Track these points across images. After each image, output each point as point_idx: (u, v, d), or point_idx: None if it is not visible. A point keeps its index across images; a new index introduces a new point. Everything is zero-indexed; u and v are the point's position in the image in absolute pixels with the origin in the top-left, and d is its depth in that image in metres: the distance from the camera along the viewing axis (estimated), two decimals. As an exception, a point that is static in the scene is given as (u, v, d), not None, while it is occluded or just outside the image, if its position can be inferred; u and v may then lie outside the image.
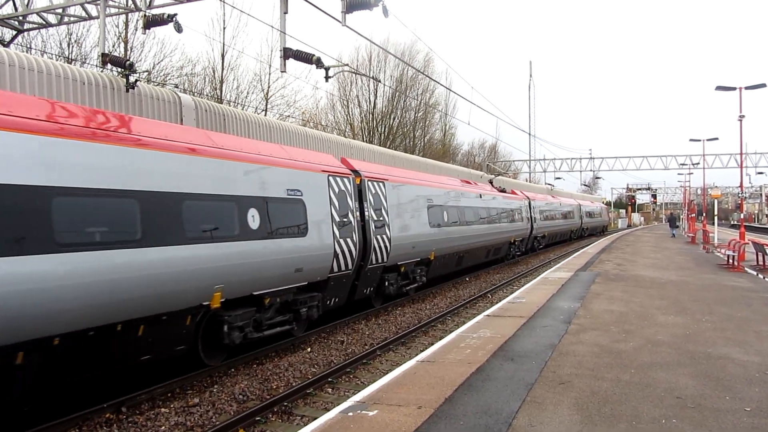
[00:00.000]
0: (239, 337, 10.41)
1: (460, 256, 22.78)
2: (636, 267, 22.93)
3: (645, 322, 11.54)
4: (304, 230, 12.17)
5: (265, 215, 10.98)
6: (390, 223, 16.29)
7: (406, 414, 6.42)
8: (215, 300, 9.80)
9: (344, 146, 25.56)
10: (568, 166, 68.26)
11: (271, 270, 11.10)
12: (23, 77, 12.28)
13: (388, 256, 16.10)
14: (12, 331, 6.84)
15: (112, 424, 8.07)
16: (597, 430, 5.93)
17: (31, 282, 6.97)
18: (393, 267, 16.87)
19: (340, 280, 13.88)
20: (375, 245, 15.32)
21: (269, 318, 11.42)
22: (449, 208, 21.50)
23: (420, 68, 49.79)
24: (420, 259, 18.61)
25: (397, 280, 17.18)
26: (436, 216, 19.97)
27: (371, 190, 15.63)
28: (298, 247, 11.86)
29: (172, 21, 14.46)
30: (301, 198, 12.24)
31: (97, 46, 24.59)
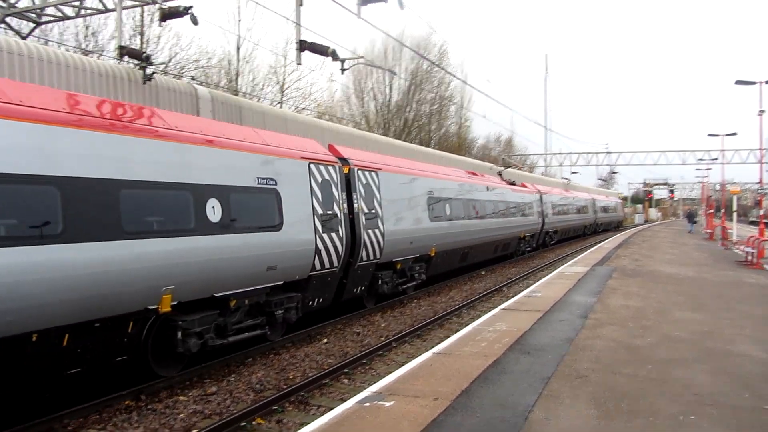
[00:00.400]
0: (196, 345, 9.23)
1: (464, 252, 21.64)
2: (653, 262, 22.76)
3: (662, 317, 11.46)
4: (278, 224, 10.95)
5: (228, 207, 9.76)
6: (383, 216, 15.03)
7: (422, 405, 6.44)
8: (164, 303, 8.66)
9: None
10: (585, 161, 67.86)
11: (236, 269, 9.90)
12: (42, 69, 12.38)
13: (382, 253, 14.91)
14: None
15: (132, 410, 8.17)
16: (614, 425, 5.91)
17: None
18: (387, 264, 15.68)
19: (325, 279, 12.69)
20: (366, 240, 14.12)
21: (236, 322, 10.30)
22: (452, 200, 20.26)
23: (435, 61, 49.64)
24: (419, 255, 17.47)
25: (392, 278, 15.96)
26: (438, 209, 18.79)
27: (362, 181, 14.39)
28: (270, 243, 10.68)
29: (188, 13, 14.51)
30: (275, 188, 11.02)
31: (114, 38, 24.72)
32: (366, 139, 26.23)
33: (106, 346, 8.23)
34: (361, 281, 14.59)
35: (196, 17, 14.50)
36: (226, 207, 9.71)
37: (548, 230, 36.15)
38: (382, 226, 14.90)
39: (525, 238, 30.87)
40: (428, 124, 54.14)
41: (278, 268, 10.89)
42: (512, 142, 78.66)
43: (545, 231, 35.41)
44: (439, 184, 19.43)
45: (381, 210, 15.00)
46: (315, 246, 11.96)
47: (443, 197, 19.45)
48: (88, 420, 7.83)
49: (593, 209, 52.93)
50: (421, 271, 17.83)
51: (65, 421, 7.70)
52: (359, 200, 14.10)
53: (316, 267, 12.09)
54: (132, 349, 8.67)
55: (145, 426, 7.68)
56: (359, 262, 13.97)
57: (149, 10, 25.60)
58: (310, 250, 11.87)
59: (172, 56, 29.69)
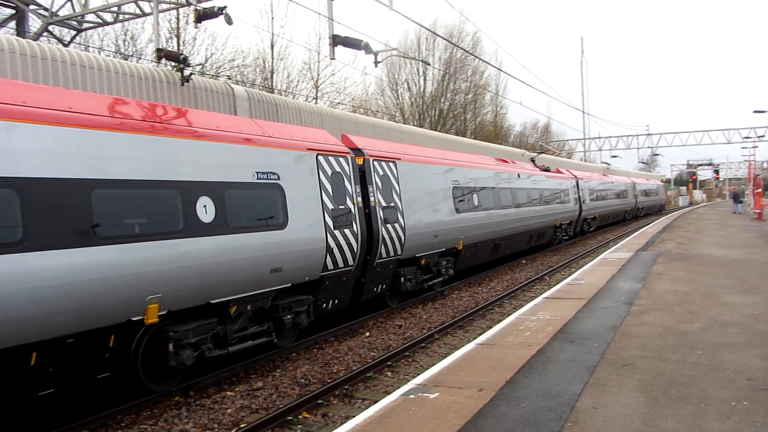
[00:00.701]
0: (191, 357, 8.47)
1: (496, 243, 20.58)
2: (699, 245, 22.21)
3: (711, 302, 11.19)
4: (282, 222, 10.11)
5: (222, 205, 8.95)
6: (403, 209, 14.12)
7: (467, 396, 6.43)
8: (150, 314, 7.93)
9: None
10: (625, 144, 66.71)
11: (234, 272, 9.10)
12: (84, 75, 12.69)
13: (403, 248, 14.04)
14: None
15: (181, 406, 8.37)
16: (663, 412, 5.81)
17: None
18: (410, 260, 14.79)
19: (339, 279, 11.82)
20: (384, 236, 13.26)
21: (239, 330, 9.58)
22: (480, 190, 19.14)
23: (469, 49, 49.23)
24: (445, 249, 16.41)
25: (416, 274, 15.02)
26: (465, 200, 17.73)
27: (378, 172, 13.51)
28: (273, 243, 9.85)
29: (223, 13, 14.73)
30: (278, 182, 10.18)
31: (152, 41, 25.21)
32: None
33: (83, 363, 7.55)
34: (382, 279, 13.74)
35: (230, 17, 14.71)
36: (219, 205, 8.91)
37: (586, 217, 34.73)
38: (402, 220, 14.01)
39: (561, 227, 29.66)
40: (463, 113, 53.81)
41: (284, 269, 10.10)
42: (549, 128, 77.79)
43: (583, 218, 34.00)
44: (466, 173, 18.39)
45: (401, 203, 14.11)
46: (326, 244, 11.16)
47: (470, 187, 18.42)
48: (140, 416, 8.05)
49: (633, 193, 51.13)
50: (449, 266, 16.88)
51: (118, 417, 7.92)
52: (376, 193, 13.21)
53: (328, 267, 11.29)
54: (117, 364, 8.01)
55: (195, 421, 7.85)
56: (378, 259, 13.17)
57: (184, 12, 26.03)
58: (321, 249, 11.06)
59: (208, 56, 30.18)
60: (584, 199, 33.94)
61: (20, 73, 11.48)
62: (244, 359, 10.07)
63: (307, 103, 24.99)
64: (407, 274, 14.58)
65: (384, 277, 13.78)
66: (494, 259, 21.53)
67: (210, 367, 9.59)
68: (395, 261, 13.98)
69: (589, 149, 73.18)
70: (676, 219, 43.72)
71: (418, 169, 15.52)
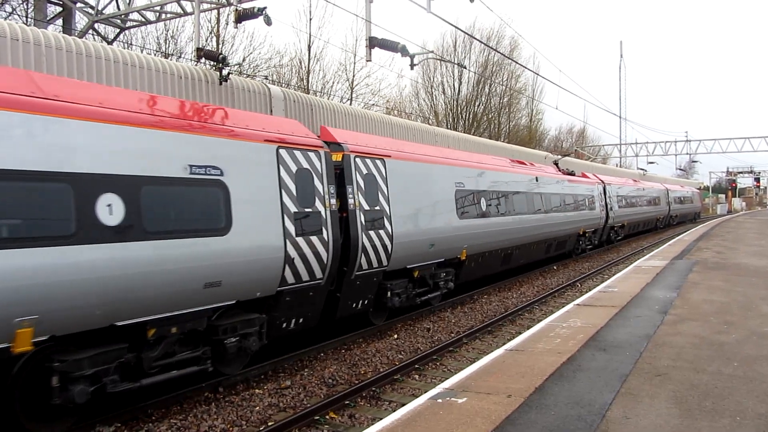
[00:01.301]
0: (84, 394, 6.88)
1: (507, 253, 18.70)
2: (738, 255, 21.70)
3: (749, 312, 10.93)
4: (222, 226, 8.41)
5: (136, 204, 7.34)
6: (392, 214, 12.34)
7: (495, 402, 6.39)
8: (21, 341, 6.33)
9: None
10: (662, 150, 65.52)
11: (151, 287, 7.43)
12: (126, 73, 12.96)
13: (390, 258, 12.23)
14: None
15: (211, 402, 8.47)
16: (697, 424, 5.69)
17: None
18: (400, 272, 12.96)
19: (303, 294, 10.09)
20: (365, 244, 11.52)
21: (160, 357, 7.89)
22: (490, 193, 17.30)
23: (506, 53, 48.93)
24: (444, 260, 14.63)
25: (407, 288, 13.20)
26: (470, 204, 15.93)
27: (361, 171, 11.75)
28: (209, 252, 8.16)
29: (262, 14, 14.89)
30: (220, 179, 8.48)
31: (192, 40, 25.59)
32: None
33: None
34: (363, 294, 11.96)
35: (269, 17, 14.87)
36: (131, 205, 7.29)
37: (614, 224, 32.76)
38: (389, 227, 12.22)
39: (585, 235, 27.76)
40: (498, 117, 53.49)
41: (225, 284, 8.40)
42: (585, 133, 76.89)
43: (610, 226, 32.07)
44: (472, 175, 16.49)
45: (388, 206, 12.30)
46: (284, 254, 9.43)
47: (477, 190, 16.52)
48: (170, 411, 8.17)
49: (666, 200, 48.67)
50: (449, 279, 15.02)
51: (149, 411, 8.06)
52: (356, 195, 11.46)
53: (287, 280, 9.58)
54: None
55: (224, 417, 7.94)
56: (357, 271, 11.44)
57: (225, 12, 26.39)
58: (277, 260, 9.33)
59: (246, 56, 30.53)
60: (612, 205, 32.10)
61: (65, 70, 11.78)
62: (172, 391, 8.55)
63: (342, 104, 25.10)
64: (396, 288, 12.78)
65: (366, 292, 12.02)
66: (505, 270, 19.70)
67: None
68: (380, 273, 12.21)
69: (625, 155, 72.11)
70: (714, 227, 42.77)
71: (413, 169, 13.69)
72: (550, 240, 22.83)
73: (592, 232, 28.94)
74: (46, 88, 7.01)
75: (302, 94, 19.52)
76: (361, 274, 11.63)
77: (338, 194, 11.03)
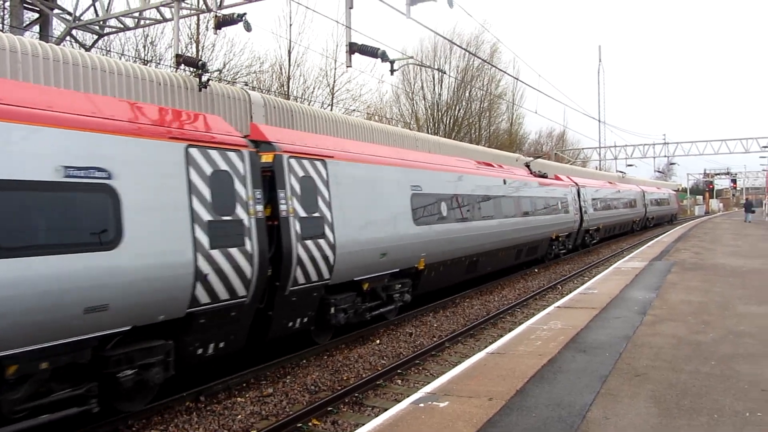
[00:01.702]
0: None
1: (472, 260, 17.46)
2: (715, 255, 22.01)
3: (726, 312, 11.09)
4: (110, 239, 7.15)
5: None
6: (335, 221, 11.12)
7: (477, 405, 6.42)
8: None
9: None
10: (641, 153, 66.27)
11: (5, 317, 6.13)
12: (104, 80, 12.86)
13: (332, 271, 10.98)
14: None
15: (192, 412, 8.41)
16: (676, 423, 5.77)
17: None
18: (347, 285, 11.72)
19: (223, 315, 8.79)
20: (302, 256, 10.19)
21: (27, 398, 6.59)
22: (452, 197, 16.14)
23: (486, 58, 49.26)
24: (399, 270, 13.40)
25: (354, 303, 11.93)
26: (428, 209, 14.72)
27: (297, 173, 10.47)
28: (90, 271, 6.88)
29: (242, 20, 14.88)
30: (108, 182, 7.20)
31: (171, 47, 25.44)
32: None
33: None
34: (301, 311, 10.63)
35: (249, 24, 14.85)
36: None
37: (588, 228, 31.70)
38: (331, 235, 11.00)
39: (558, 239, 26.65)
40: (478, 121, 53.78)
41: (113, 307, 7.13)
42: (565, 137, 77.58)
43: (585, 229, 30.94)
44: (430, 177, 15.21)
45: (330, 213, 11.07)
46: (195, 269, 8.13)
47: (437, 193, 15.36)
48: (151, 421, 8.09)
49: (643, 202, 48.26)
50: (404, 290, 13.81)
51: (129, 422, 7.97)
52: (290, 200, 10.15)
53: (199, 300, 8.28)
54: None
55: (205, 427, 7.89)
56: (292, 286, 10.09)
57: (204, 18, 26.32)
58: (185, 276, 8.03)
59: (226, 62, 30.46)
60: (586, 208, 30.99)
61: (42, 77, 11.66)
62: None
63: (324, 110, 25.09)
64: (340, 303, 11.47)
65: (304, 309, 10.70)
66: (472, 278, 18.50)
67: (220, 373, 9.64)
68: (321, 287, 10.95)
69: (604, 158, 72.88)
70: (692, 228, 43.34)
71: (360, 171, 12.43)
72: (520, 245, 21.64)
73: (566, 237, 27.84)
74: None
75: (283, 100, 19.48)
76: (298, 289, 10.27)
77: (269, 200, 9.88)
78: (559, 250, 27.14)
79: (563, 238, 27.26)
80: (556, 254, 27.01)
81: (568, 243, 28.42)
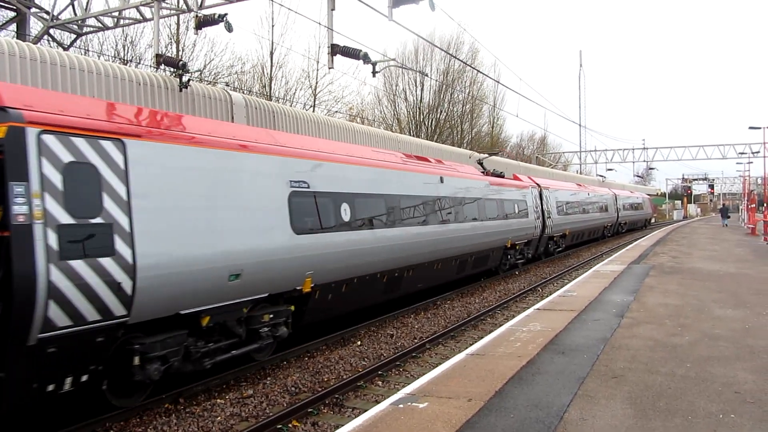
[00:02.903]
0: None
1: (392, 277, 14.00)
2: (692, 259, 22.33)
3: (702, 315, 11.26)
4: None
5: None
6: (136, 230, 7.57)
7: (456, 406, 6.46)
8: None
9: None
10: (621, 157, 67.12)
11: None
12: (83, 79, 12.74)
13: (130, 304, 7.49)
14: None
15: (171, 414, 8.35)
16: (651, 424, 5.85)
17: None
18: (169, 321, 8.30)
19: None
20: (60, 284, 6.71)
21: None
22: (358, 198, 12.54)
23: (466, 60, 49.50)
24: (269, 294, 10.00)
25: (184, 346, 8.57)
26: (319, 213, 11.25)
27: (58, 158, 6.97)
28: None
29: (223, 21, 14.83)
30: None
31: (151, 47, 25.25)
32: None
33: None
34: (69, 368, 7.09)
35: (230, 24, 14.81)
36: None
37: (553, 234, 28.62)
38: (127, 251, 7.45)
39: (516, 247, 23.33)
40: (460, 124, 54.03)
41: None
42: (546, 141, 78.20)
43: (548, 236, 27.84)
44: (324, 171, 11.67)
45: (128, 218, 7.53)
46: None
47: (334, 192, 11.80)
48: (129, 423, 8.02)
49: (615, 207, 45.80)
50: (279, 322, 10.46)
51: (107, 424, 7.89)
52: (44, 199, 6.73)
53: None
54: None
55: (184, 429, 7.83)
56: (44, 331, 6.60)
57: (185, 18, 26.17)
58: None
59: (207, 63, 30.31)
60: (550, 212, 28.05)
61: (19, 77, 11.52)
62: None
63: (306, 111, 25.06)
64: (156, 349, 8.08)
65: (78, 363, 7.16)
66: (399, 297, 15.29)
67: (200, 375, 9.59)
68: (115, 328, 7.47)
69: (585, 162, 73.60)
70: (670, 233, 43.90)
71: (194, 159, 8.75)
72: (464, 256, 18.15)
73: (525, 244, 24.53)
74: None
75: (264, 101, 19.42)
76: (57, 335, 6.77)
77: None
78: (516, 260, 23.87)
79: (521, 246, 24.10)
80: (513, 265, 23.74)
81: (528, 251, 25.26)
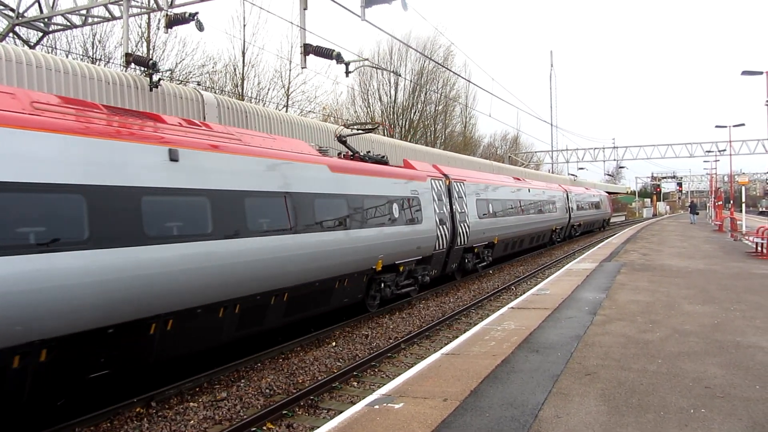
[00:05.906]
0: None
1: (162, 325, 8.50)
2: (662, 256, 22.67)
3: (672, 311, 11.42)
4: None
5: None
6: None
7: (432, 406, 6.45)
8: None
9: None
10: (591, 156, 67.97)
11: None
12: (50, 78, 12.48)
13: None
14: None
15: (143, 418, 8.22)
16: (624, 420, 5.90)
17: None
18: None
19: None
20: None
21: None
22: None
23: (440, 61, 49.70)
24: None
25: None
26: None
27: None
28: None
29: (194, 19, 14.65)
30: None
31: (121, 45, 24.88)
32: None
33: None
34: None
35: (201, 23, 14.63)
36: None
37: (472, 245, 20.87)
38: None
39: (399, 270, 15.44)
40: (434, 124, 54.23)
41: None
42: (518, 140, 78.78)
43: (464, 247, 20.16)
44: None
45: None
46: None
47: None
48: (99, 428, 7.87)
49: (566, 206, 38.34)
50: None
51: (76, 429, 7.74)
52: None
53: None
54: None
55: (157, 432, 7.72)
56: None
57: (155, 16, 25.81)
58: None
59: (178, 62, 29.94)
60: (467, 215, 20.34)
61: (-18, 76, 11.25)
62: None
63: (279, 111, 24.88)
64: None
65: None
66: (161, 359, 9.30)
67: (172, 377, 9.46)
68: None
69: (557, 161, 74.31)
70: (640, 230, 44.53)
71: None
72: (301, 286, 11.58)
73: (418, 264, 16.72)
74: None
75: (237, 101, 19.24)
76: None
77: None
78: (398, 288, 15.76)
79: (413, 266, 16.46)
80: (397, 294, 15.74)
81: (427, 273, 17.29)
